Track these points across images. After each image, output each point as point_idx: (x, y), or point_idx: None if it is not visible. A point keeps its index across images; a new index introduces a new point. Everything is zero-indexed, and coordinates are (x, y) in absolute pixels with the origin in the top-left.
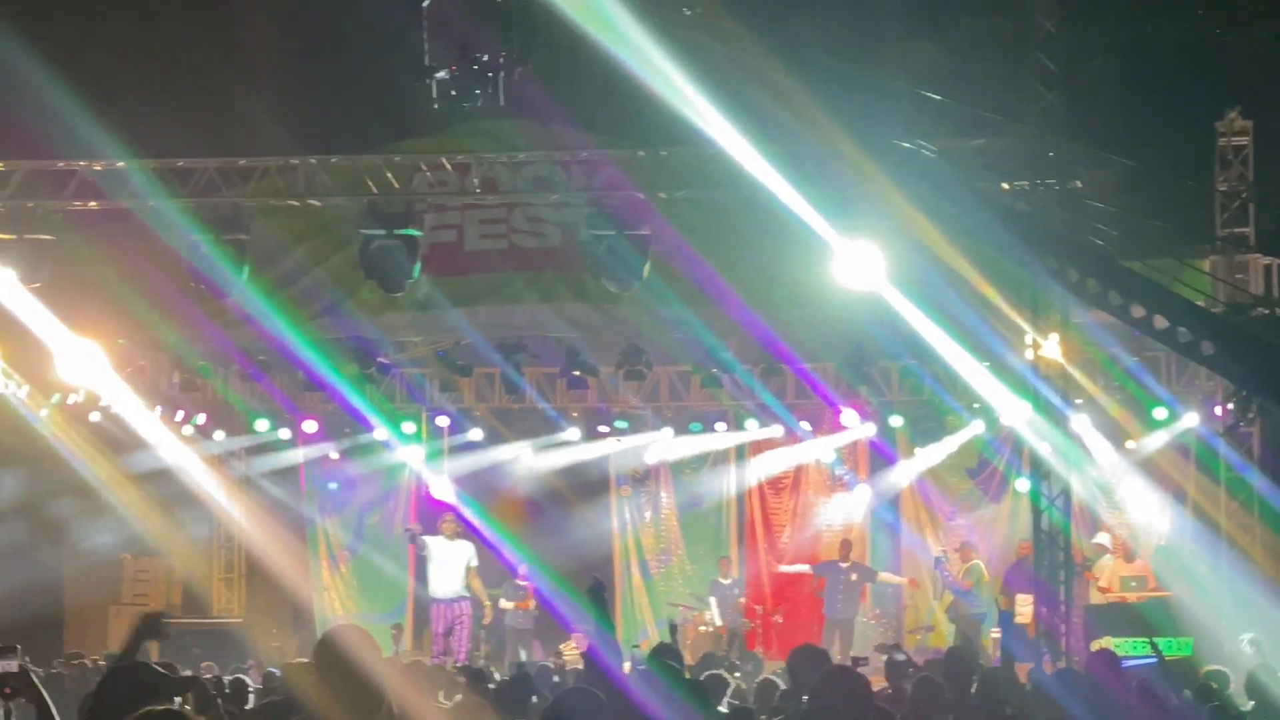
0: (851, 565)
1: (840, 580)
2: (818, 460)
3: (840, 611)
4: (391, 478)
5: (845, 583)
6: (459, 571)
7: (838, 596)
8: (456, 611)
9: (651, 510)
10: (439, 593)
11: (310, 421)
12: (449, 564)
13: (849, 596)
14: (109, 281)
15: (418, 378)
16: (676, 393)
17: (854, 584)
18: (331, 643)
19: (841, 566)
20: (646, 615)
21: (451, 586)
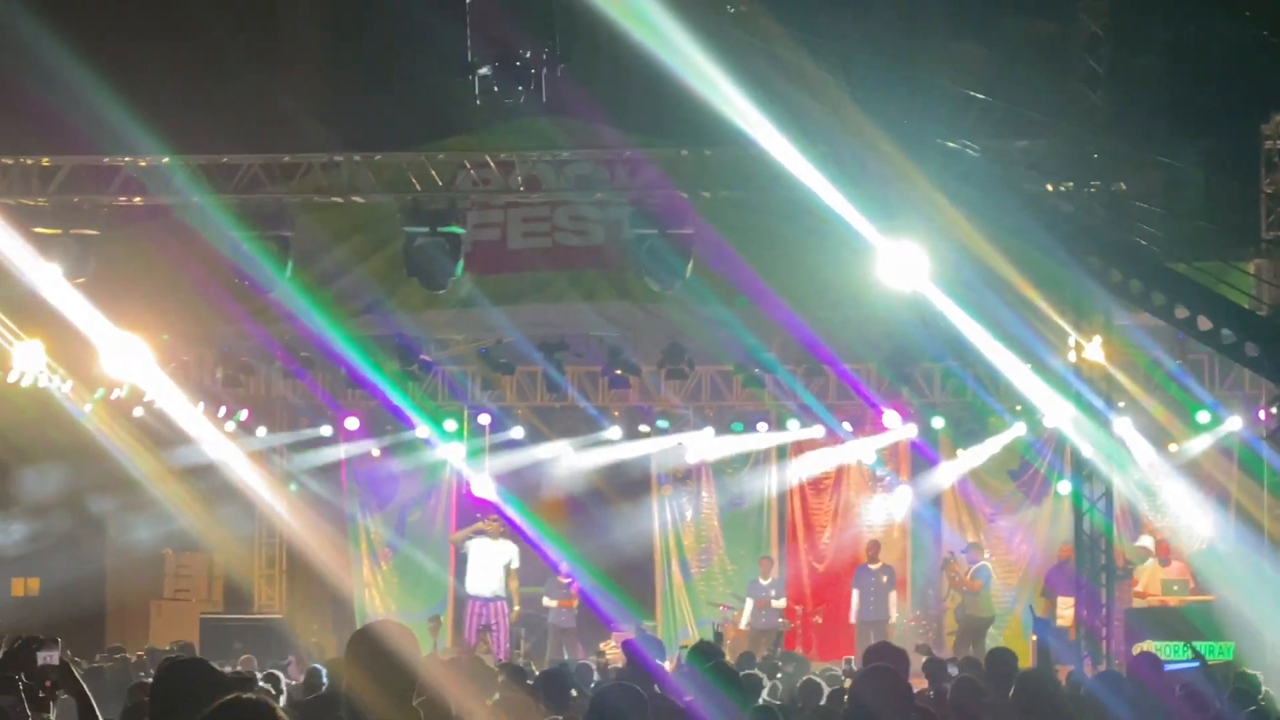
0: (881, 567)
1: (870, 583)
2: (859, 461)
3: (872, 614)
4: (433, 475)
5: (875, 585)
6: (497, 571)
7: (869, 599)
8: (493, 611)
9: (692, 510)
10: (475, 590)
11: (352, 418)
12: (489, 563)
13: (879, 598)
14: (153, 277)
15: (459, 375)
16: (718, 392)
17: (884, 586)
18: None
19: (870, 569)
20: (687, 615)
21: (489, 585)
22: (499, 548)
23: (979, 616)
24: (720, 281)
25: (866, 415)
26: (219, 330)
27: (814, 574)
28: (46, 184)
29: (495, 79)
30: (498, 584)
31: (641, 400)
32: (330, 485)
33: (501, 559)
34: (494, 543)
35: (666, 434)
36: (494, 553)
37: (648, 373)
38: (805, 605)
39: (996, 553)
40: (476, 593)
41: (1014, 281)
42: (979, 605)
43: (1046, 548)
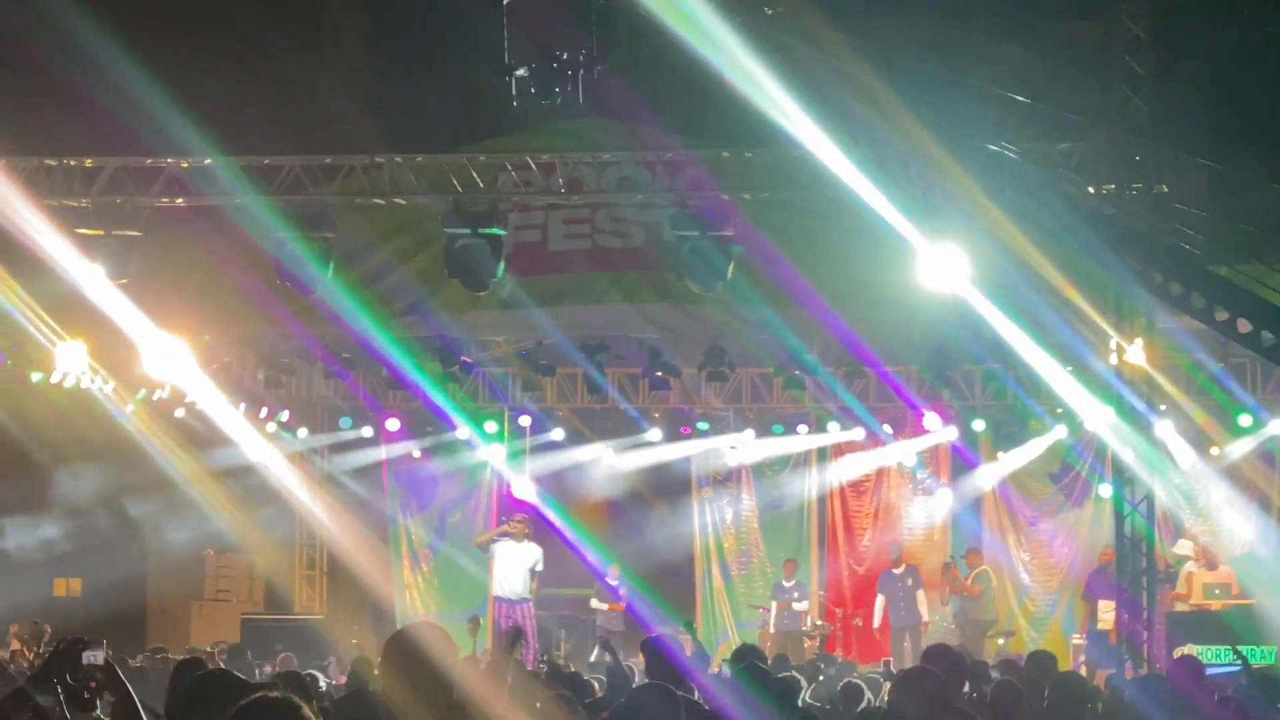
0: (905, 570)
1: (897, 588)
2: (899, 463)
3: (904, 618)
4: (473, 477)
5: (902, 589)
6: (523, 573)
7: (899, 604)
8: (520, 613)
9: (733, 512)
10: (501, 591)
11: (393, 420)
12: (515, 565)
13: (908, 602)
14: (195, 278)
15: (500, 377)
16: (759, 394)
17: (910, 589)
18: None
19: (895, 574)
20: (727, 617)
21: (514, 587)
22: (524, 550)
23: (979, 620)
24: (762, 283)
25: (907, 417)
26: (261, 331)
27: (854, 576)
28: (90, 185)
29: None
30: (523, 586)
31: (682, 402)
32: (371, 487)
33: (527, 561)
34: (519, 545)
35: (707, 436)
36: (519, 555)
37: (688, 374)
38: (845, 608)
39: (1037, 556)
40: (502, 594)
41: (1056, 283)
42: (980, 609)
43: (1087, 551)
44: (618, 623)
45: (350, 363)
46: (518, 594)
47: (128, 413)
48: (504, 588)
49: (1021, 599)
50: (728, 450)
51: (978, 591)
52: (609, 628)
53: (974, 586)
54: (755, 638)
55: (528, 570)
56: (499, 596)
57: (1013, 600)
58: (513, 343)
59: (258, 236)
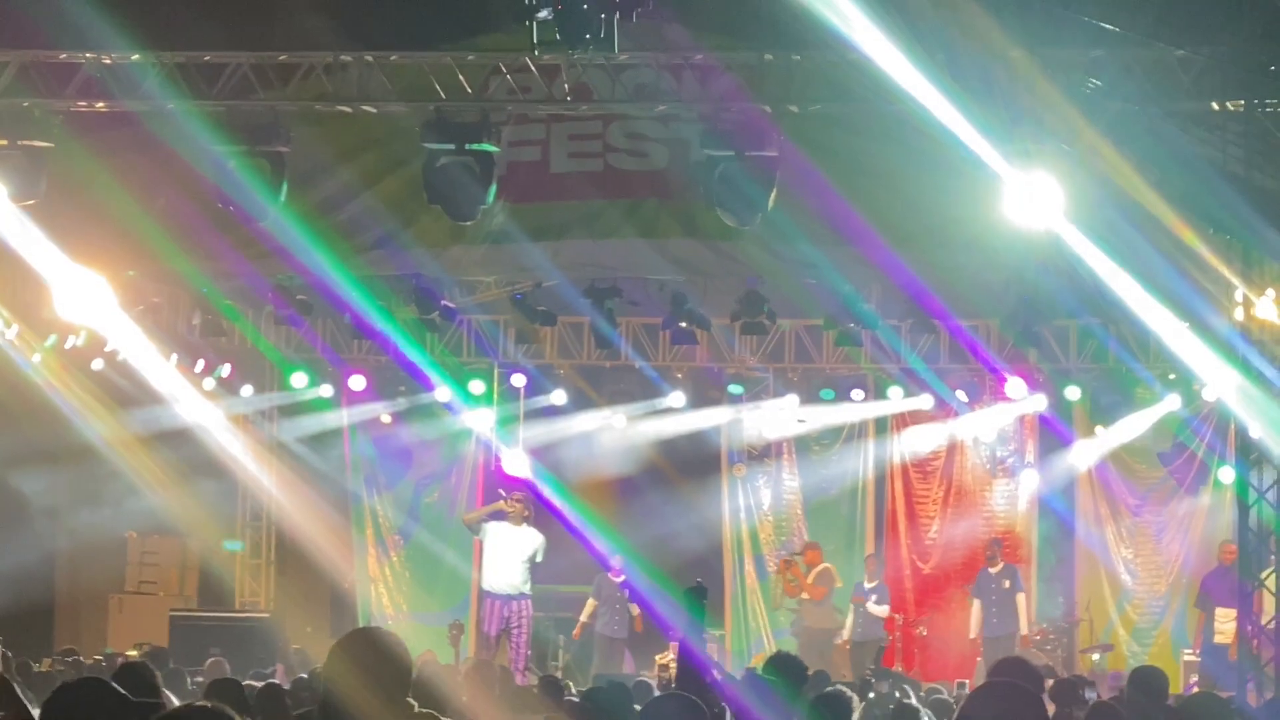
0: (1003, 570)
1: (992, 590)
2: (975, 438)
3: (997, 627)
4: (454, 448)
5: (998, 592)
6: (520, 564)
7: (992, 610)
8: (514, 610)
9: (771, 495)
10: (494, 585)
11: (358, 377)
12: (510, 553)
13: (1004, 608)
14: (118, 201)
15: (489, 326)
16: (804, 352)
17: (1007, 593)
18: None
19: (991, 573)
20: (761, 622)
21: (509, 580)
22: (522, 535)
23: (822, 628)
24: (809, 216)
25: (985, 382)
26: (197, 267)
27: (918, 576)
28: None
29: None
30: (520, 578)
31: (711, 360)
32: (330, 458)
33: (525, 549)
34: (516, 529)
35: (741, 402)
36: (516, 541)
37: (719, 326)
38: (906, 614)
39: (1141, 553)
40: (494, 589)
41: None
42: (823, 615)
43: (1203, 547)
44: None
45: (306, 307)
46: (514, 588)
47: (34, 363)
48: (496, 580)
49: (1122, 606)
50: (766, 419)
51: (822, 594)
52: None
53: (816, 587)
54: (795, 647)
55: (526, 560)
56: (489, 591)
57: (1110, 607)
58: (504, 285)
59: (194, 152)
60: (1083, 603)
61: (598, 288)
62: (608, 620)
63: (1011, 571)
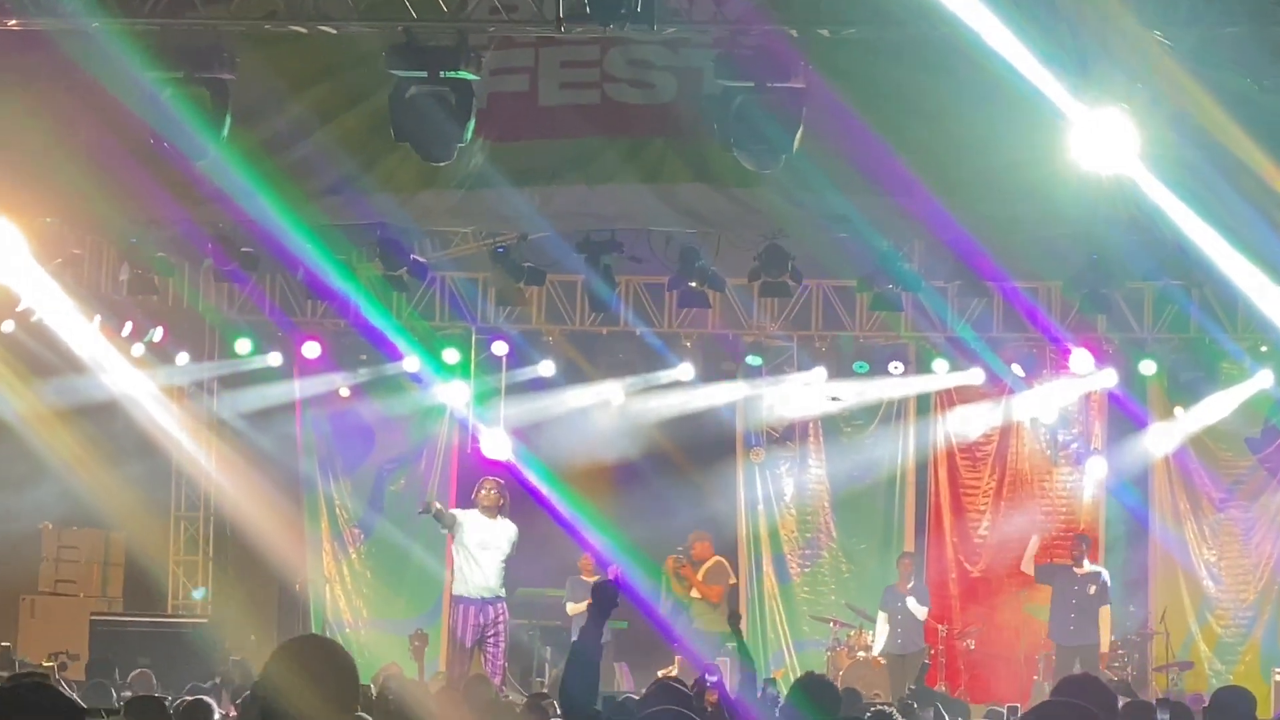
0: (1090, 573)
1: (1072, 592)
2: (1033, 420)
3: (1074, 635)
4: (424, 427)
5: (1081, 597)
6: (497, 562)
7: (1069, 615)
8: (490, 616)
9: (794, 484)
10: (468, 588)
11: (312, 343)
12: (486, 549)
13: (1085, 615)
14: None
15: (465, 285)
16: (834, 317)
17: (1091, 600)
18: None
19: (1076, 574)
20: (782, 632)
21: (484, 580)
22: (499, 529)
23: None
24: (840, 160)
25: (1045, 354)
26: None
27: (965, 580)
28: None
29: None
30: (496, 579)
31: (725, 327)
32: (279, 437)
33: (501, 544)
34: (492, 521)
35: (760, 375)
36: (493, 535)
37: (734, 287)
38: (951, 624)
39: (1227, 554)
40: (468, 593)
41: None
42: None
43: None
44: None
45: (251, 261)
46: (490, 590)
47: None
48: (470, 582)
49: (1204, 616)
50: (789, 396)
51: (718, 594)
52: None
53: (709, 586)
54: (823, 664)
55: (504, 557)
56: (462, 596)
57: (1190, 618)
58: (484, 237)
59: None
60: (1157, 612)
61: (593, 241)
62: None
63: (1097, 578)
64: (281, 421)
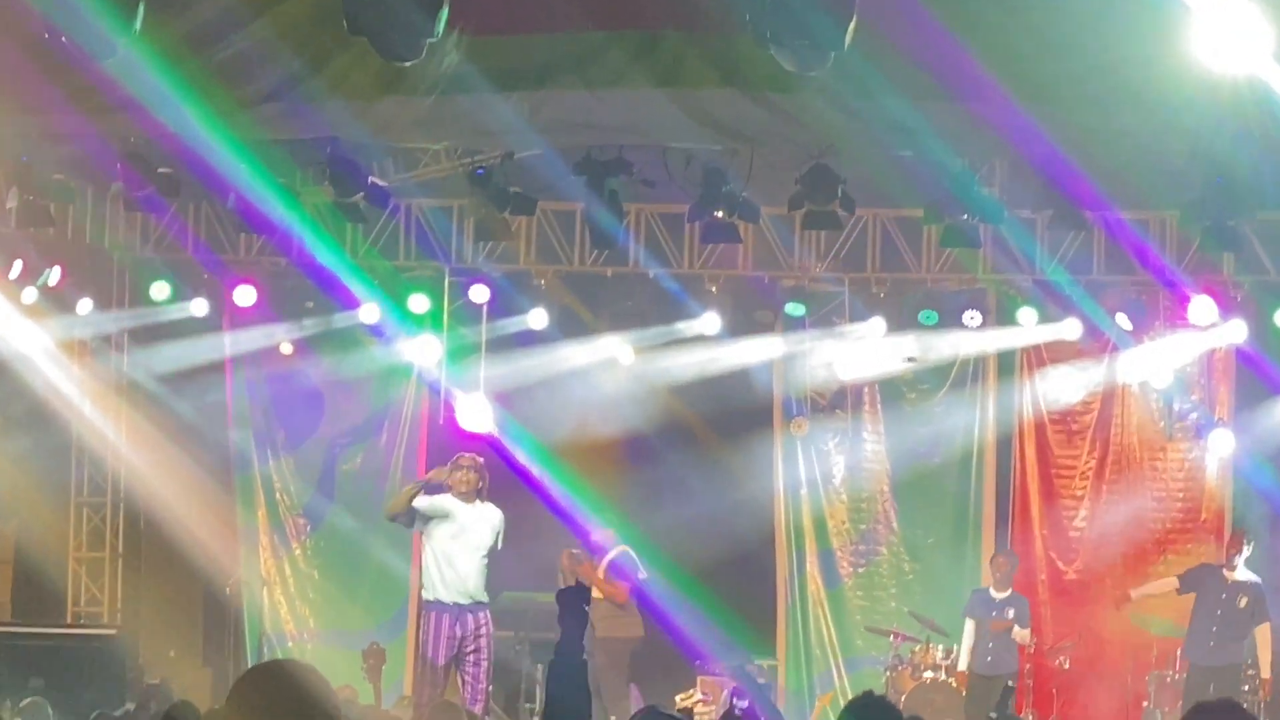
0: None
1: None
2: (1143, 383)
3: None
4: (386, 391)
5: (1229, 608)
6: (477, 559)
7: (1209, 628)
8: (469, 628)
9: (846, 463)
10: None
11: (245, 288)
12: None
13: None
14: None
15: (437, 216)
16: (894, 256)
17: (1241, 614)
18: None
19: (1227, 578)
20: (831, 648)
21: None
22: (477, 516)
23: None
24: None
25: (1158, 302)
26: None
27: (1058, 582)
28: None
29: None
30: (475, 580)
31: (759, 268)
32: (205, 404)
33: (483, 536)
34: (469, 506)
35: (803, 328)
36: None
37: (771, 218)
38: (1040, 637)
39: None
40: (441, 597)
41: None
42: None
43: None
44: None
45: (170, 185)
46: (468, 595)
47: None
48: (444, 584)
49: None
50: (838, 354)
51: (625, 593)
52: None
53: (614, 583)
54: (881, 687)
55: (485, 552)
56: (434, 602)
57: None
58: (461, 156)
59: None
60: None
61: (595, 160)
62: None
63: (1253, 589)
64: (208, 385)
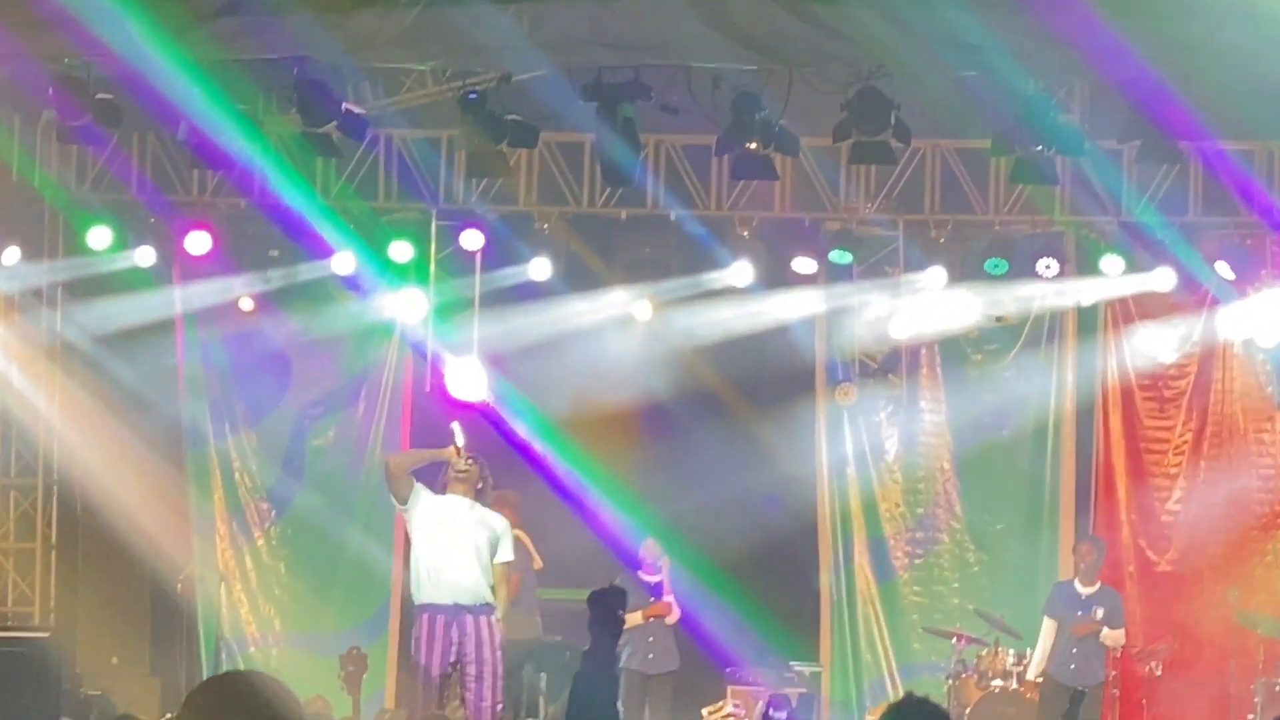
0: None
1: None
2: (1247, 342)
3: None
4: (364, 353)
5: None
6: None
7: None
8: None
9: (900, 436)
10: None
11: (199, 233)
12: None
13: None
14: None
15: (423, 149)
16: (957, 195)
17: None
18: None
19: None
20: (883, 652)
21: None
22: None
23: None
24: None
25: (1265, 248)
26: None
27: (1148, 575)
28: None
29: None
30: (474, 578)
31: (799, 209)
32: (153, 369)
33: (480, 534)
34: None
35: (849, 278)
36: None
37: (812, 150)
38: (1130, 639)
39: None
40: (435, 598)
41: None
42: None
43: None
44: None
45: (111, 113)
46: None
47: None
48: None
49: None
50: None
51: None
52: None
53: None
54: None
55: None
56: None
57: None
58: (450, 78)
59: None
60: None
61: (607, 83)
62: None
63: None
64: (155, 347)
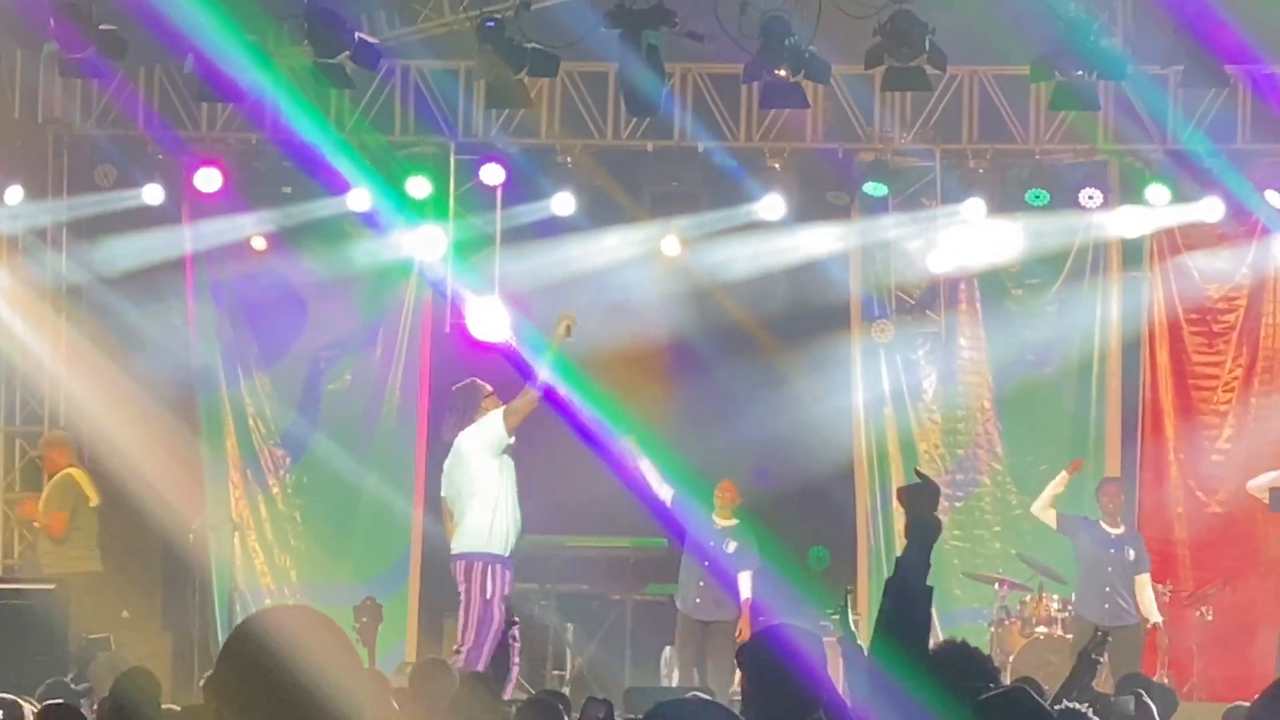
0: None
1: None
2: None
3: None
4: (381, 293)
5: None
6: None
7: None
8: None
9: (938, 374)
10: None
11: (209, 170)
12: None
13: None
14: None
15: (441, 79)
16: (995, 123)
17: None
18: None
19: None
20: None
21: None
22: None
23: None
24: None
25: None
26: None
27: (1198, 516)
28: None
29: None
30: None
31: (832, 139)
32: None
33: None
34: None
35: (884, 211)
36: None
37: (845, 77)
38: (1177, 584)
39: None
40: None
41: None
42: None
43: None
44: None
45: (115, 44)
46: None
47: None
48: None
49: None
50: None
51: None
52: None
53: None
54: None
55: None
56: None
57: None
58: (465, 6)
59: None
60: None
61: (631, 9)
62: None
63: None
64: (164, 288)
